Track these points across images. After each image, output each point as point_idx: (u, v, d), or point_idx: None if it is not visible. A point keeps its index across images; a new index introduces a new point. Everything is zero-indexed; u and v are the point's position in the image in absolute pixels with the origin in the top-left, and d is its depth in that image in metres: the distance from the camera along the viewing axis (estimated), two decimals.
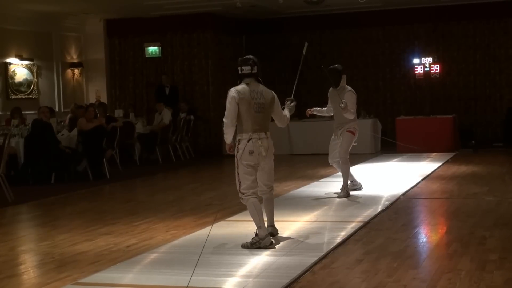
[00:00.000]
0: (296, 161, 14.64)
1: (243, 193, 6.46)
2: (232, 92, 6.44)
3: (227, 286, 5.15)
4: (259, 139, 6.44)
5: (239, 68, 6.58)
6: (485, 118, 17.24)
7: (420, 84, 17.34)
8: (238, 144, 6.47)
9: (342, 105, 8.93)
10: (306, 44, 7.97)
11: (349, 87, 9.20)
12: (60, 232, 7.56)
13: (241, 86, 6.51)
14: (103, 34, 17.87)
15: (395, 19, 17.66)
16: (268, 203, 6.75)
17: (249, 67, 6.52)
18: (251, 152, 6.38)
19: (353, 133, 9.22)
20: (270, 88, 6.69)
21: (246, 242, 6.36)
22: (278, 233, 6.79)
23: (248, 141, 6.42)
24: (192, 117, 16.09)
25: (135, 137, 14.60)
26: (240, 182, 6.47)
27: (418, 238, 6.91)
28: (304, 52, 7.77)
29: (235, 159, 6.49)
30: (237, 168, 6.48)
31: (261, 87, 6.59)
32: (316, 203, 8.82)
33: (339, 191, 9.32)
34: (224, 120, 6.49)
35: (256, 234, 6.37)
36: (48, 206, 9.62)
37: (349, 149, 9.26)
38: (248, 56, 6.66)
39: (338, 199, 9.06)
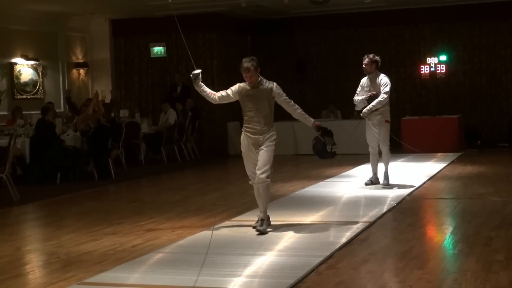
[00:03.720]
0: (301, 161, 14.61)
1: None
2: None
3: (232, 286, 5.15)
4: None
5: None
6: (491, 118, 17.20)
7: (425, 84, 17.30)
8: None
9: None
10: None
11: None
12: (65, 232, 7.57)
13: None
14: (109, 34, 17.90)
15: (400, 19, 17.64)
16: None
17: None
18: None
19: (389, 122, 9.88)
20: None
21: None
22: None
23: None
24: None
25: (141, 137, 14.61)
26: None
27: (424, 239, 6.90)
28: None
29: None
30: None
31: None
32: (322, 203, 8.81)
33: (382, 180, 10.01)
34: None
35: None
36: (53, 206, 9.63)
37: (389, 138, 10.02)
38: None
39: (343, 199, 9.07)
